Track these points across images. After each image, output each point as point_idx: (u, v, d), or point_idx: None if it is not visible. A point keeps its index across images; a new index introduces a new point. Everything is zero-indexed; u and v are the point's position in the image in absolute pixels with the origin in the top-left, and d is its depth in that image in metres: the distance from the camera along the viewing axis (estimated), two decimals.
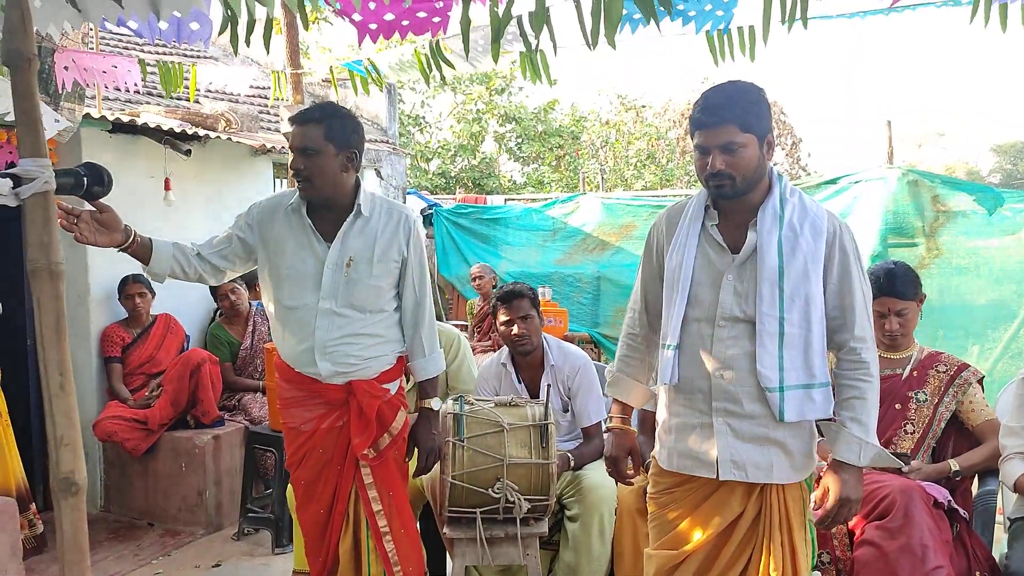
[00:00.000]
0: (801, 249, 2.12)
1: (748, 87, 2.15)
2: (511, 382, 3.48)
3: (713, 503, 2.21)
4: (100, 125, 4.63)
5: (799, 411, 2.13)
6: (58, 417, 1.38)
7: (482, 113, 18.55)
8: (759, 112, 2.12)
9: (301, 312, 2.66)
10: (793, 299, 2.11)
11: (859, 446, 2.13)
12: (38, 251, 1.35)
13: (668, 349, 2.23)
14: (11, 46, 1.28)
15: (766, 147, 2.14)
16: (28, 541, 4.00)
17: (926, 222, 5.65)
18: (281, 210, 2.70)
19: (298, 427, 2.76)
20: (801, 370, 2.13)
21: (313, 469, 2.76)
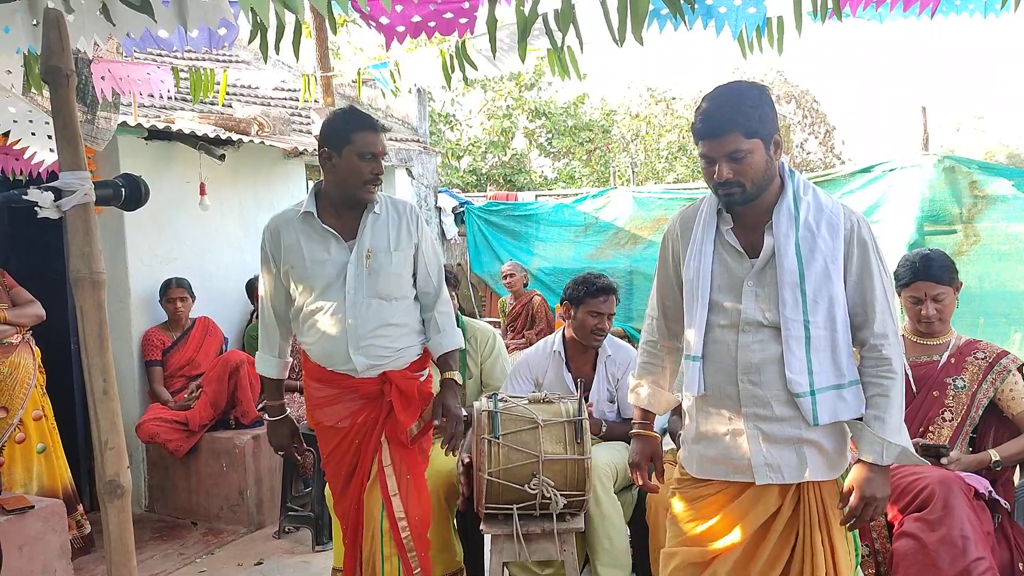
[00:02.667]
0: (820, 249, 2.09)
1: (748, 90, 2.09)
2: (560, 371, 3.52)
3: (747, 501, 2.18)
4: (136, 132, 4.72)
5: (832, 412, 2.10)
6: (103, 422, 1.42)
7: (512, 109, 18.54)
8: (762, 115, 2.05)
9: (331, 309, 2.73)
10: (817, 301, 2.07)
11: (882, 446, 2.07)
12: (80, 261, 1.40)
13: (692, 360, 2.20)
14: (49, 63, 1.32)
15: (773, 147, 2.09)
16: (76, 541, 4.10)
17: (964, 208, 5.58)
18: (291, 224, 2.78)
19: (334, 425, 2.84)
20: (831, 371, 2.10)
21: (350, 464, 2.84)
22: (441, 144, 17.34)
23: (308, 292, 2.76)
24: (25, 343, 4.08)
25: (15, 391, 3.98)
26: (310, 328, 2.78)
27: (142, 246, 4.96)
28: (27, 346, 4.09)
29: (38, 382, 4.11)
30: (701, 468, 2.24)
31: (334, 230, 2.75)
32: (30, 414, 4.05)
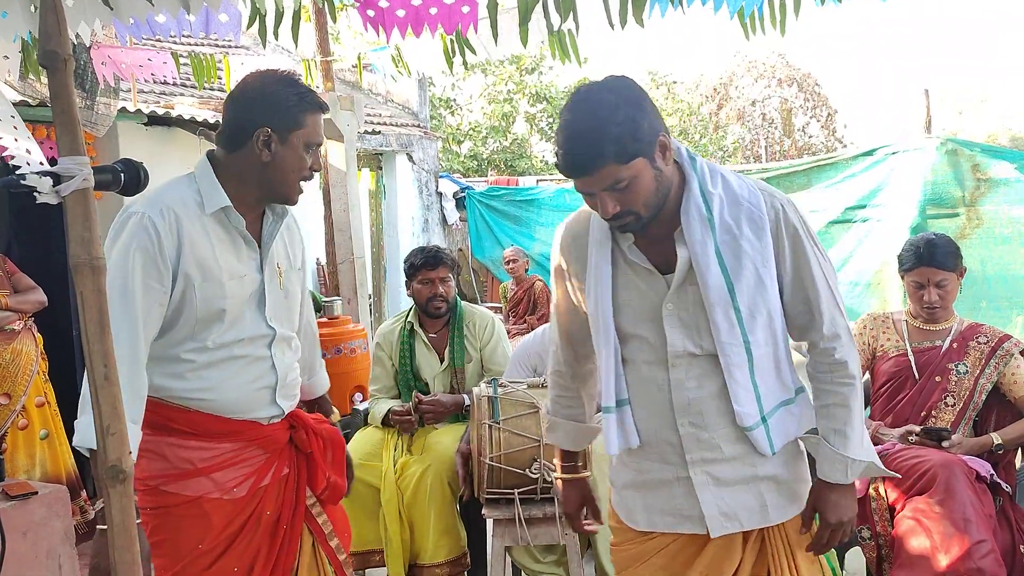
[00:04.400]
0: (747, 253, 1.72)
1: (609, 102, 1.65)
2: None
3: (707, 559, 1.86)
4: (135, 118, 4.72)
5: (785, 433, 1.83)
6: (104, 407, 1.42)
7: (513, 93, 18.50)
8: (635, 128, 1.63)
9: (252, 345, 2.03)
10: (754, 316, 1.74)
11: (845, 463, 1.79)
12: (79, 247, 1.39)
13: (611, 411, 1.84)
14: (47, 47, 1.31)
15: (660, 153, 1.69)
16: (80, 527, 4.11)
17: (966, 192, 5.57)
18: (195, 217, 1.96)
19: (226, 495, 2.01)
20: (778, 389, 1.82)
21: (253, 543, 2.04)
22: (442, 129, 17.32)
23: (217, 320, 1.96)
24: (27, 330, 4.08)
25: (17, 378, 3.99)
26: (213, 370, 1.98)
27: None
28: (29, 333, 4.09)
29: (40, 369, 4.11)
30: (647, 519, 1.89)
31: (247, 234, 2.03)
32: (33, 401, 4.06)
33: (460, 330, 3.58)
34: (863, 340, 3.19)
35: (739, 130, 20.21)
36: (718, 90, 20.47)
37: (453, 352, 3.56)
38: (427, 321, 3.61)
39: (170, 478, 1.97)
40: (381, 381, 3.64)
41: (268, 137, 1.94)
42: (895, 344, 3.11)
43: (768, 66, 20.25)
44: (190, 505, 1.97)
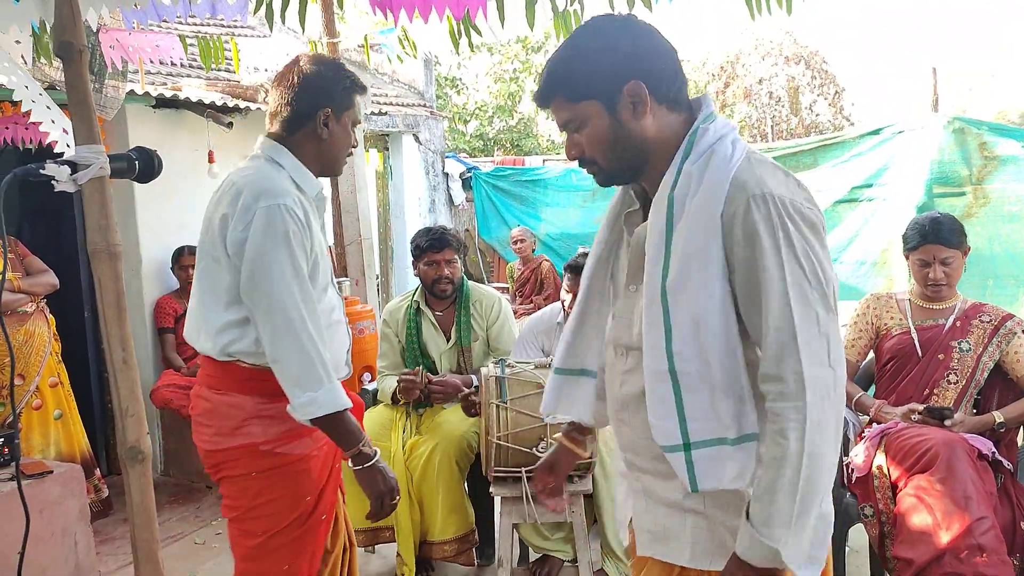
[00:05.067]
0: (689, 250, 1.42)
1: (584, 38, 1.49)
2: None
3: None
4: (144, 101, 4.73)
5: (716, 477, 1.45)
6: (123, 390, 1.46)
7: (519, 72, 18.42)
8: (593, 68, 1.45)
9: (336, 312, 2.23)
10: (681, 324, 1.43)
11: (750, 541, 1.40)
12: (97, 234, 1.42)
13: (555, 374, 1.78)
14: (62, 38, 1.34)
15: (627, 103, 1.46)
16: (94, 505, 4.18)
17: (973, 170, 5.56)
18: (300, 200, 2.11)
19: (319, 452, 2.18)
20: (712, 420, 1.45)
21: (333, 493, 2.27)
22: (448, 109, 17.27)
23: (323, 291, 2.16)
24: (40, 311, 4.13)
25: (31, 358, 4.04)
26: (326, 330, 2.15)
27: (152, 214, 4.99)
28: (42, 314, 4.14)
29: (53, 350, 4.17)
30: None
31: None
32: (46, 381, 4.11)
33: (467, 309, 3.61)
34: (866, 319, 3.21)
35: (746, 108, 20.09)
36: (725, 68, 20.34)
37: (460, 331, 3.59)
38: (433, 300, 3.64)
39: (284, 440, 2.08)
40: (388, 358, 3.68)
41: (327, 117, 2.12)
42: (898, 322, 3.13)
43: (775, 44, 20.10)
44: (300, 462, 2.10)
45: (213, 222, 2.02)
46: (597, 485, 3.17)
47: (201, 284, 2.07)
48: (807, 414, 1.35)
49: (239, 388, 2.05)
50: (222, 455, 2.08)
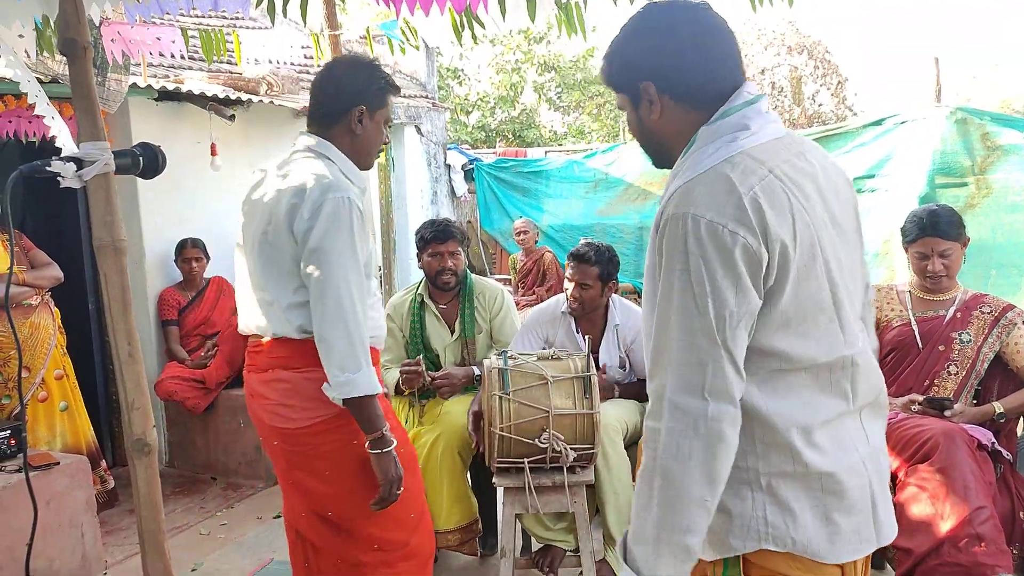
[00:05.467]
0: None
1: (630, 23, 1.52)
2: (570, 331, 3.56)
3: None
4: (146, 94, 4.74)
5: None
6: (128, 383, 1.47)
7: (521, 63, 18.38)
8: (624, 62, 1.49)
9: (377, 293, 2.45)
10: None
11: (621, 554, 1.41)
12: (102, 229, 1.44)
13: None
14: (66, 35, 1.35)
15: (646, 103, 1.49)
16: (100, 496, 4.21)
17: (975, 160, 5.55)
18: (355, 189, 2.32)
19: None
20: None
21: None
22: (449, 100, 17.24)
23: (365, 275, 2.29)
24: (45, 304, 4.15)
25: (36, 351, 4.06)
26: (374, 311, 2.37)
27: (155, 207, 5.01)
28: (47, 307, 4.16)
29: (58, 342, 4.19)
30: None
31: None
32: (52, 373, 4.14)
33: (470, 302, 3.63)
34: None
35: None
36: None
37: (464, 324, 3.61)
38: (437, 293, 3.65)
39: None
40: (392, 351, 3.69)
41: (362, 114, 2.27)
42: (899, 314, 3.14)
43: (778, 34, 20.03)
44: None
45: (277, 212, 2.14)
46: (599, 476, 3.19)
47: (265, 272, 2.20)
48: (663, 439, 1.34)
49: (318, 363, 2.15)
50: (315, 428, 2.21)
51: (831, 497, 1.41)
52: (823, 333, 1.40)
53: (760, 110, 1.44)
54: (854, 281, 1.49)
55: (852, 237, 1.50)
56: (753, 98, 1.44)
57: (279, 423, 2.24)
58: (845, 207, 1.49)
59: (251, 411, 2.38)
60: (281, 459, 2.32)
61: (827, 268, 1.39)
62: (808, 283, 1.37)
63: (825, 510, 1.41)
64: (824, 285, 1.39)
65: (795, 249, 1.34)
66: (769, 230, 1.32)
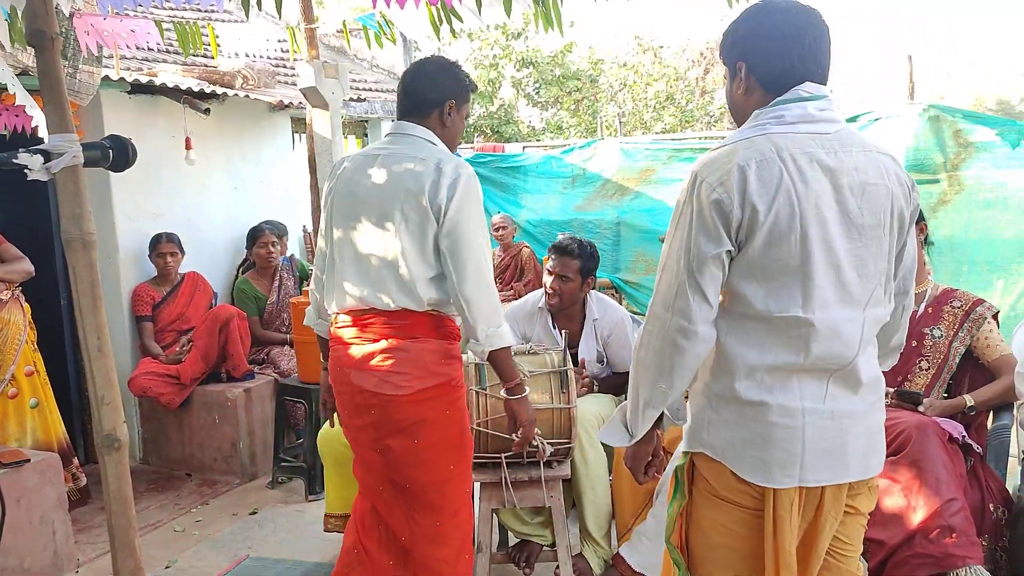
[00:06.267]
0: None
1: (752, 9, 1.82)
2: (547, 327, 3.57)
3: None
4: (119, 87, 4.68)
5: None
6: (98, 378, 1.46)
7: (499, 59, 18.35)
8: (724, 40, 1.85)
9: None
10: None
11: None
12: (71, 223, 1.42)
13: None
14: (34, 26, 1.33)
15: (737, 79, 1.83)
16: (72, 493, 4.17)
17: (948, 157, 5.61)
18: None
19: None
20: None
21: None
22: None
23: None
24: (15, 299, 4.09)
25: (6, 347, 4.01)
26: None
27: (129, 202, 4.95)
28: (17, 302, 4.10)
29: (29, 338, 4.14)
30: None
31: None
32: (22, 369, 4.08)
33: None
34: None
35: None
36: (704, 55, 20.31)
37: None
38: None
39: (460, 374, 2.55)
40: None
41: (451, 108, 2.54)
42: None
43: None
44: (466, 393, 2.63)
45: (415, 189, 2.36)
46: (576, 470, 3.20)
47: (406, 247, 2.38)
48: (642, 336, 1.79)
49: (435, 334, 2.46)
50: (423, 395, 2.42)
51: (756, 424, 1.71)
52: (782, 292, 1.68)
53: (806, 107, 1.71)
54: (862, 268, 1.71)
55: (873, 232, 1.71)
56: (808, 96, 1.72)
57: (388, 390, 2.41)
58: (872, 205, 1.70)
59: (342, 381, 2.52)
60: (371, 429, 2.48)
61: (804, 243, 1.65)
62: (779, 248, 1.65)
63: (749, 434, 1.72)
64: (795, 254, 1.65)
65: (767, 216, 1.63)
66: (747, 195, 1.63)
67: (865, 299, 1.73)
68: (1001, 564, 2.71)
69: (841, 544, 1.85)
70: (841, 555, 1.85)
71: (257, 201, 5.83)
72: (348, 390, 2.51)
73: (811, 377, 1.72)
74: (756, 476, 1.72)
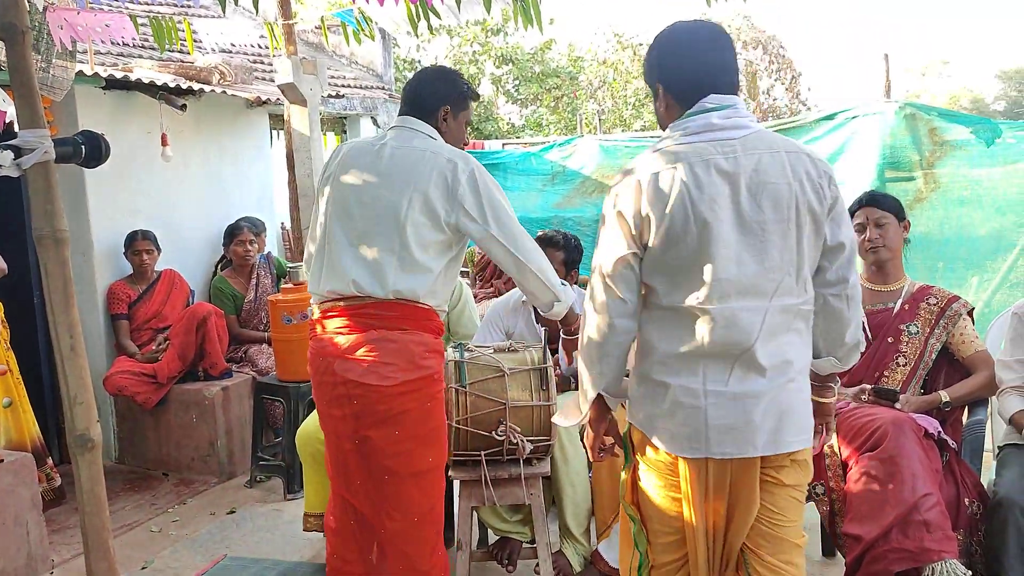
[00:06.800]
0: None
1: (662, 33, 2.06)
2: (529, 321, 3.56)
3: None
4: (93, 82, 4.63)
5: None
6: (71, 378, 1.44)
7: (478, 55, 18.34)
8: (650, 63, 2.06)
9: None
10: None
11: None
12: (42, 219, 1.40)
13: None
14: (4, 20, 1.30)
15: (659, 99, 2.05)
16: (47, 494, 4.11)
17: (923, 155, 5.66)
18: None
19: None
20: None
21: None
22: None
23: None
24: None
25: None
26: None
27: (104, 198, 4.89)
28: None
29: (2, 336, 4.08)
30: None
31: None
32: None
33: None
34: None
35: None
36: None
37: None
38: None
39: (441, 369, 2.61)
40: None
41: (446, 113, 2.63)
42: None
43: (733, 28, 20.22)
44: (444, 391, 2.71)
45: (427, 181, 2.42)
46: (556, 467, 3.20)
47: (413, 237, 2.43)
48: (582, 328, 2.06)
49: (423, 327, 2.51)
50: (406, 387, 2.45)
51: (664, 402, 1.94)
52: (683, 285, 1.89)
53: (709, 118, 1.90)
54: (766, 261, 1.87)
55: (777, 227, 1.86)
56: (712, 107, 1.90)
57: (373, 380, 2.43)
58: (773, 202, 1.85)
59: (324, 371, 2.52)
60: (351, 420, 2.49)
61: (700, 241, 1.84)
62: (676, 247, 1.86)
63: (660, 410, 1.95)
64: (692, 252, 1.85)
65: (662, 221, 1.85)
66: (644, 204, 1.87)
67: (771, 289, 1.88)
68: (976, 558, 2.74)
69: (772, 514, 1.99)
70: (775, 524, 2.00)
71: (234, 198, 5.78)
72: (330, 380, 2.51)
73: (715, 361, 1.90)
74: (668, 446, 1.96)
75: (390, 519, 2.54)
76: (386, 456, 2.50)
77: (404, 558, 2.55)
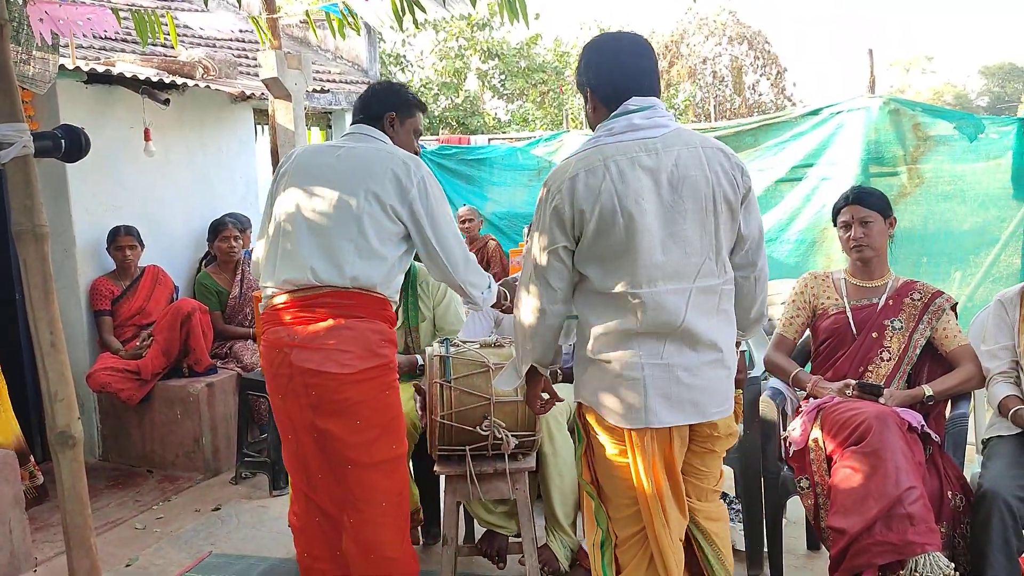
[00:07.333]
0: None
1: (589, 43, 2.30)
2: None
3: None
4: (75, 76, 4.59)
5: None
6: (51, 374, 1.42)
7: (464, 50, 18.29)
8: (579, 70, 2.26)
9: None
10: None
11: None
12: (21, 214, 1.38)
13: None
14: None
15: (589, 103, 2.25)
16: (29, 492, 4.08)
17: (907, 150, 5.69)
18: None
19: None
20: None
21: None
22: None
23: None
24: None
25: None
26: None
27: (86, 194, 4.85)
28: None
29: None
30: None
31: None
32: None
33: (414, 289, 3.60)
34: (804, 298, 3.29)
35: (690, 88, 20.21)
36: (669, 48, 20.43)
37: (407, 312, 3.58)
38: None
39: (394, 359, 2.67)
40: None
41: (392, 120, 2.79)
42: (834, 302, 3.21)
43: (719, 23, 20.27)
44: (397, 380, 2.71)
45: (381, 180, 2.54)
46: (545, 459, 3.20)
47: (371, 229, 2.53)
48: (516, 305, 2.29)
49: (378, 316, 2.58)
50: (363, 375, 2.50)
51: (607, 377, 2.11)
52: (615, 272, 2.06)
53: (631, 119, 2.09)
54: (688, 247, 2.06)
55: (696, 216, 2.05)
56: (634, 108, 2.11)
57: (332, 368, 2.46)
58: (692, 193, 2.05)
59: (280, 363, 2.55)
60: (308, 411, 2.53)
61: (627, 232, 2.02)
62: (606, 238, 2.04)
63: (604, 386, 2.12)
64: (621, 242, 2.03)
65: (592, 214, 2.04)
66: (575, 200, 2.06)
67: (693, 272, 2.07)
68: (959, 550, 2.75)
69: (698, 471, 2.26)
70: (700, 474, 2.26)
71: (219, 194, 5.75)
72: (286, 372, 2.54)
73: (648, 338, 2.07)
74: (614, 419, 2.12)
75: (355, 510, 2.57)
76: (347, 447, 2.54)
77: (373, 547, 2.58)
